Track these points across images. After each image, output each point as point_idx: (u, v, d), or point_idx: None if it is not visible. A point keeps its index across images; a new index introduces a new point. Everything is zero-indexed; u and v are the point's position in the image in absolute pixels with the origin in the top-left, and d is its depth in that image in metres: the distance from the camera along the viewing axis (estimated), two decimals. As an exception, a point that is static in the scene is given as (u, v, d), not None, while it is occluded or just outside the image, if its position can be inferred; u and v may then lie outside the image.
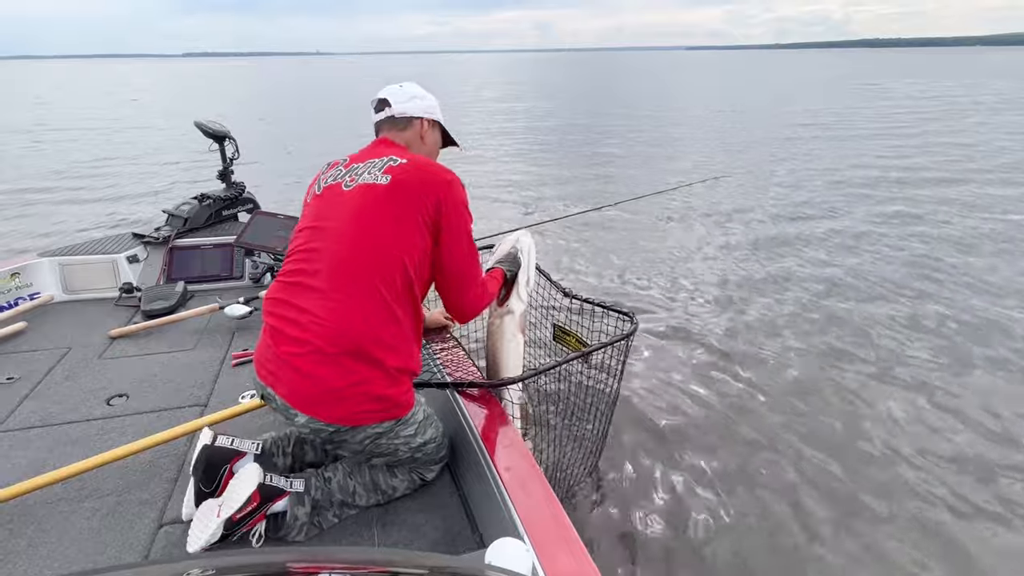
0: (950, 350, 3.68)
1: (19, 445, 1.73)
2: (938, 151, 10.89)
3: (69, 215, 7.06)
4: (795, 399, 3.17)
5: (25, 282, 2.69)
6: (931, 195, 7.63)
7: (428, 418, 1.48)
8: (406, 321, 1.35)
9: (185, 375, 2.14)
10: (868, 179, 8.60)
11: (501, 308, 1.81)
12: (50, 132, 14.57)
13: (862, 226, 6.34)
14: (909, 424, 2.94)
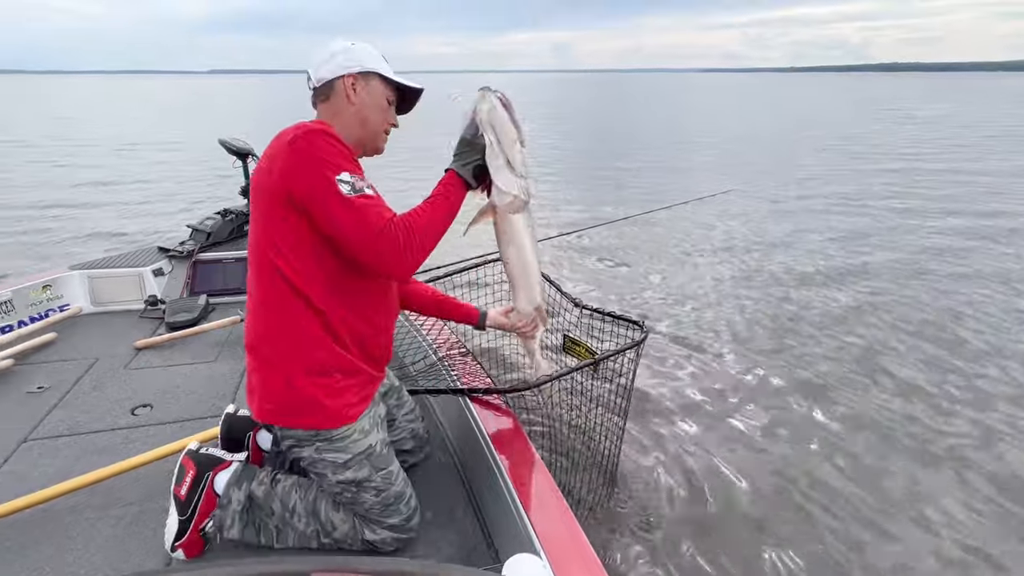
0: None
1: (48, 453, 1.79)
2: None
3: (101, 227, 7.34)
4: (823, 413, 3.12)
5: (56, 294, 2.79)
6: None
7: (371, 456, 1.34)
8: (304, 320, 1.25)
9: (207, 386, 2.19)
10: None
11: (488, 208, 1.40)
12: (83, 147, 15.13)
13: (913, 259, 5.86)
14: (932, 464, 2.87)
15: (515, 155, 1.28)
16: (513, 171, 1.29)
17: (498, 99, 1.24)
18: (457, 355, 1.99)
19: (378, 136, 1.36)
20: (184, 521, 1.31)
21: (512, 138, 1.27)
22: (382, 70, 1.33)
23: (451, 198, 1.28)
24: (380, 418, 1.44)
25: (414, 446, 1.67)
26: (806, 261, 5.69)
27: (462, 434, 1.65)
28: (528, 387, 1.67)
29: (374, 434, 1.36)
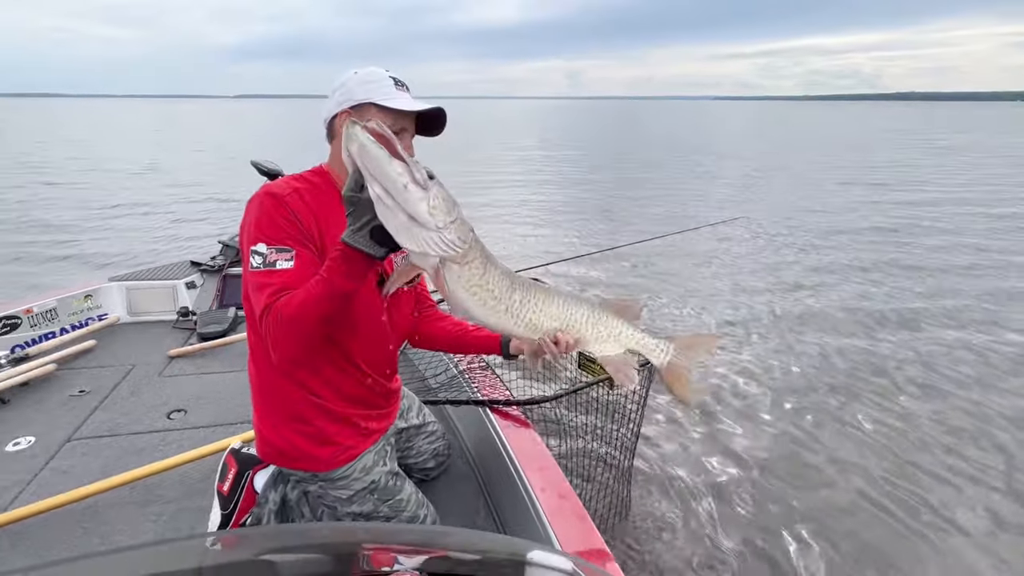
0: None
1: (91, 452, 1.90)
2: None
3: (138, 241, 7.65)
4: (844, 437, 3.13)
5: (96, 303, 2.94)
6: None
7: (375, 491, 1.35)
8: (278, 371, 1.27)
9: (236, 394, 2.30)
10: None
11: (409, 267, 1.08)
12: (121, 168, 15.68)
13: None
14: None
15: (415, 204, 0.92)
16: (422, 225, 0.93)
17: (367, 133, 0.90)
18: (477, 368, 2.07)
19: None
20: (226, 515, 1.39)
21: (401, 182, 0.90)
22: (377, 98, 1.17)
23: (333, 282, 1.03)
24: (388, 450, 1.45)
25: (435, 464, 1.73)
26: (832, 287, 5.71)
27: (482, 444, 1.72)
28: (546, 399, 1.74)
29: (377, 469, 1.37)
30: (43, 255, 6.92)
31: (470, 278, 1.04)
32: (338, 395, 1.31)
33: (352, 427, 1.34)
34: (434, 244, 0.96)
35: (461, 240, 0.98)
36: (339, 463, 1.32)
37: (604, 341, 1.24)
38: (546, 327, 1.15)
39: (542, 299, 1.14)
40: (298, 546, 0.86)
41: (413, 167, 0.92)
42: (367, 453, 1.37)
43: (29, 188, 11.89)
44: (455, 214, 0.97)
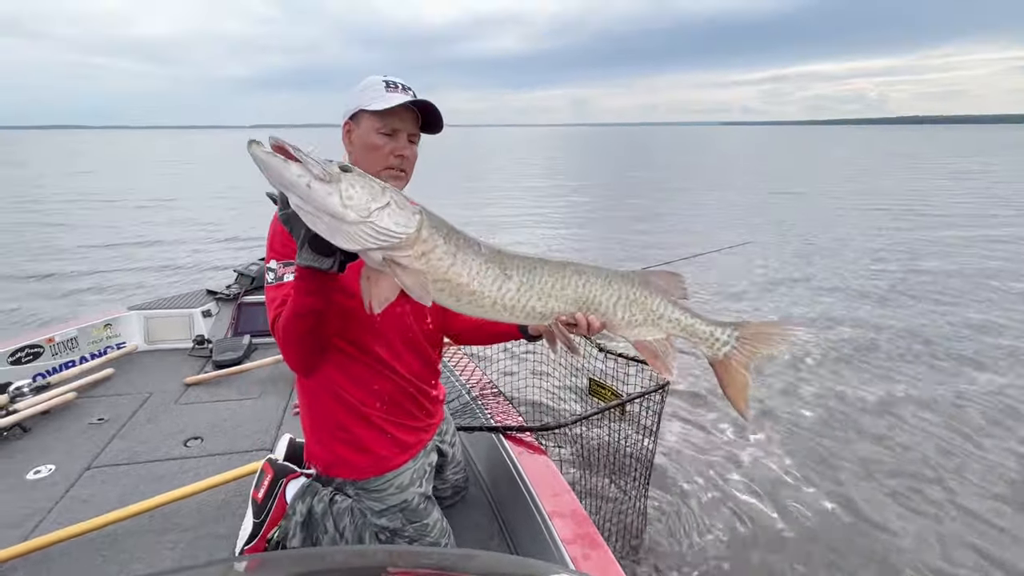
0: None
1: (110, 480, 1.92)
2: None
3: (155, 271, 7.80)
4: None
5: (115, 332, 3.00)
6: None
7: (406, 510, 1.39)
8: (315, 383, 1.34)
9: (252, 421, 2.32)
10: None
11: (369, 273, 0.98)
12: (142, 197, 16.06)
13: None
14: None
15: (325, 199, 0.86)
16: (343, 219, 0.87)
17: (262, 147, 0.85)
18: (490, 395, 2.09)
19: (380, 175, 1.23)
20: (258, 524, 1.41)
21: (303, 183, 0.85)
22: (365, 104, 1.20)
23: (299, 301, 1.05)
24: (427, 471, 1.48)
25: (452, 494, 1.74)
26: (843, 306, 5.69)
27: (495, 470, 1.73)
28: (559, 425, 1.76)
29: (413, 489, 1.41)
30: (63, 286, 7.06)
31: (435, 270, 0.94)
32: (377, 400, 1.35)
33: (389, 438, 1.38)
34: (366, 236, 0.88)
35: (400, 225, 0.89)
36: (375, 472, 1.37)
37: (640, 325, 1.05)
38: (558, 311, 1.02)
39: (551, 281, 0.99)
40: (321, 571, 0.88)
41: (311, 165, 0.85)
42: (405, 470, 1.40)
43: (53, 219, 12.19)
44: (383, 199, 0.89)
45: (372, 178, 0.91)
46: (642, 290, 1.04)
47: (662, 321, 1.05)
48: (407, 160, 1.26)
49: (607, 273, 1.04)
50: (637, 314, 1.04)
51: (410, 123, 1.24)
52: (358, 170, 0.91)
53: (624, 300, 1.03)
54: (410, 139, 1.26)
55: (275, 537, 1.44)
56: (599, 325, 1.05)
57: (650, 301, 1.04)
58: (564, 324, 1.04)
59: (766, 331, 1.04)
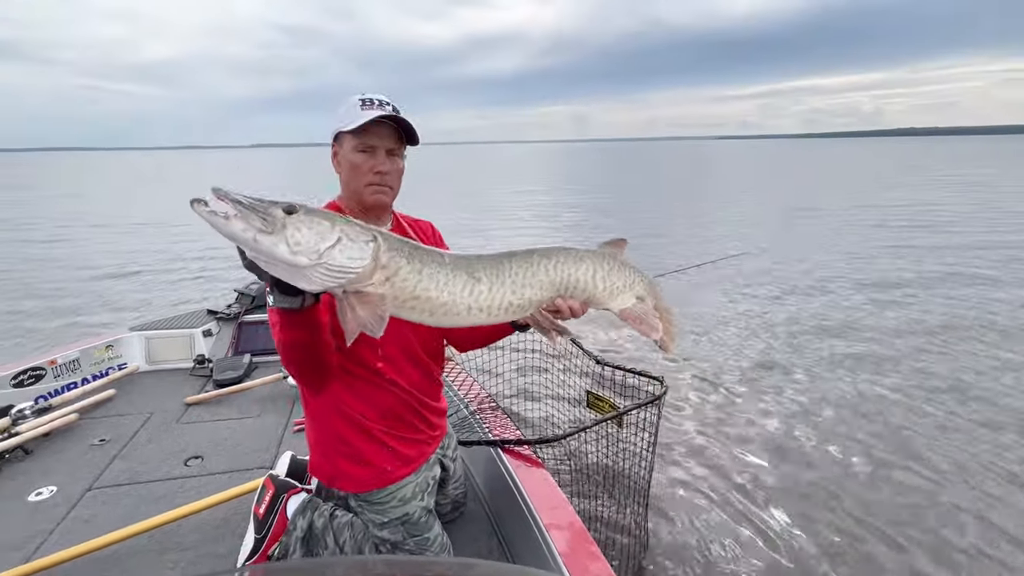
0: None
1: (111, 500, 1.93)
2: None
3: (157, 291, 7.85)
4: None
5: (116, 353, 3.03)
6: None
7: (407, 523, 1.40)
8: (321, 398, 1.36)
9: (252, 439, 2.34)
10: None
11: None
12: (144, 218, 16.16)
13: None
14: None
15: (274, 251, 0.85)
16: (297, 266, 0.86)
17: (204, 208, 0.83)
18: (488, 409, 2.11)
19: (361, 192, 1.27)
20: (259, 539, 1.42)
21: (248, 238, 0.84)
22: (344, 125, 1.22)
23: (282, 333, 1.09)
24: (429, 484, 1.48)
25: (452, 509, 1.75)
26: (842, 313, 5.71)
27: (493, 483, 1.74)
28: (556, 438, 1.77)
29: (415, 503, 1.41)
30: (64, 309, 7.09)
31: (402, 291, 0.94)
32: (378, 413, 1.36)
33: (390, 451, 1.39)
34: (323, 278, 0.88)
35: (354, 259, 0.89)
36: (377, 485, 1.38)
37: (621, 292, 1.09)
38: (536, 299, 1.02)
39: (520, 272, 1.00)
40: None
41: (252, 218, 0.84)
42: (407, 483, 1.41)
43: (55, 240, 12.27)
44: (332, 236, 0.88)
45: (320, 214, 0.90)
46: (611, 260, 1.07)
47: (635, 285, 1.10)
48: (389, 175, 1.27)
49: (576, 251, 1.05)
50: (617, 282, 1.08)
51: (388, 139, 1.25)
52: (305, 208, 0.89)
53: (601, 272, 1.05)
54: (391, 154, 1.27)
55: (276, 553, 1.45)
56: (580, 306, 1.07)
57: (623, 269, 1.08)
58: (548, 312, 1.06)
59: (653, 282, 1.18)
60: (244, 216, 0.84)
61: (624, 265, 1.09)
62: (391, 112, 1.23)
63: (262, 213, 0.85)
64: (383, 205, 1.30)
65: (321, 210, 0.92)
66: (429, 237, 1.50)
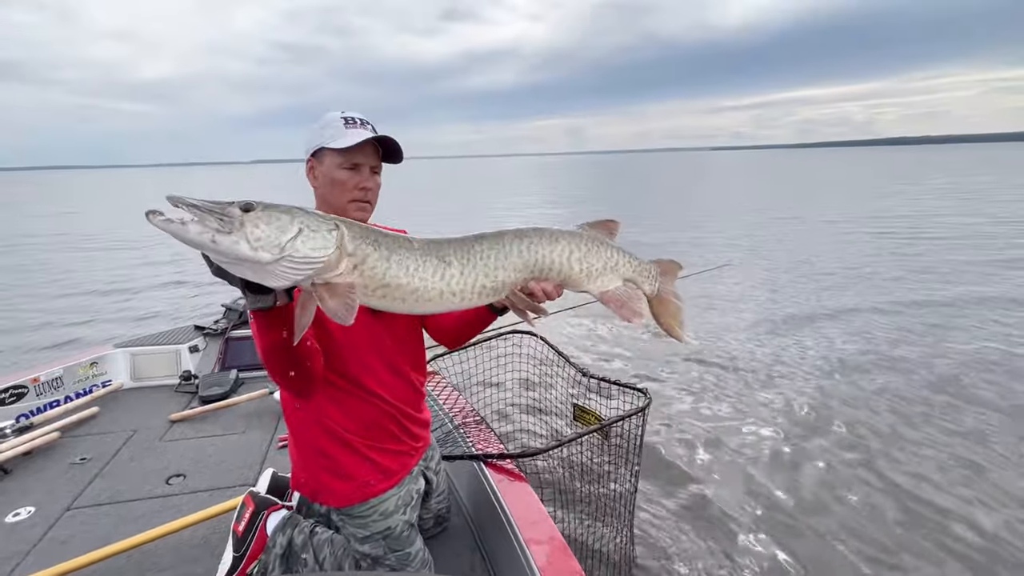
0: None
1: (89, 520, 1.90)
2: None
3: (143, 308, 7.79)
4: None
5: (101, 371, 3.00)
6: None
7: (389, 537, 1.39)
8: (302, 411, 1.37)
9: (236, 456, 2.31)
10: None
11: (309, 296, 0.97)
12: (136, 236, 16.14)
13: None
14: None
15: (235, 249, 0.85)
16: (260, 262, 0.86)
17: (159, 218, 0.82)
18: (472, 423, 2.10)
19: (345, 208, 1.27)
20: (237, 558, 1.40)
21: (207, 239, 0.84)
22: (327, 141, 1.24)
23: (259, 338, 1.08)
24: (413, 497, 1.47)
25: (435, 524, 1.73)
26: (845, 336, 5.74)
27: (476, 498, 1.73)
28: (539, 451, 1.77)
29: (397, 516, 1.40)
30: (50, 326, 7.04)
31: (371, 279, 0.93)
32: (359, 425, 1.35)
33: (371, 464, 1.38)
34: (288, 270, 0.88)
35: (317, 249, 0.88)
36: (357, 499, 1.37)
37: (600, 275, 1.06)
38: (510, 281, 1.00)
39: (491, 254, 0.98)
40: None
41: (208, 220, 0.83)
42: (389, 496, 1.40)
43: (43, 257, 12.20)
44: (293, 229, 0.88)
45: (278, 208, 0.90)
46: (591, 241, 1.04)
47: (619, 267, 1.06)
48: (371, 191, 1.31)
49: (551, 231, 1.03)
50: (595, 263, 1.04)
51: (371, 157, 1.29)
52: (262, 204, 0.89)
53: (577, 253, 1.02)
54: (372, 171, 1.31)
55: (255, 571, 1.43)
56: (554, 289, 1.04)
57: (603, 250, 1.04)
58: (523, 293, 1.04)
59: (667, 268, 1.13)
60: (200, 219, 0.84)
61: (606, 246, 1.05)
62: (371, 131, 1.26)
63: (219, 214, 0.85)
64: (364, 221, 1.31)
65: (280, 204, 0.92)
66: None
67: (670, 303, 1.13)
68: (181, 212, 0.84)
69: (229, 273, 0.92)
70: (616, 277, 1.07)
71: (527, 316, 1.07)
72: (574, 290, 1.05)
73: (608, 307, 1.07)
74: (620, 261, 1.06)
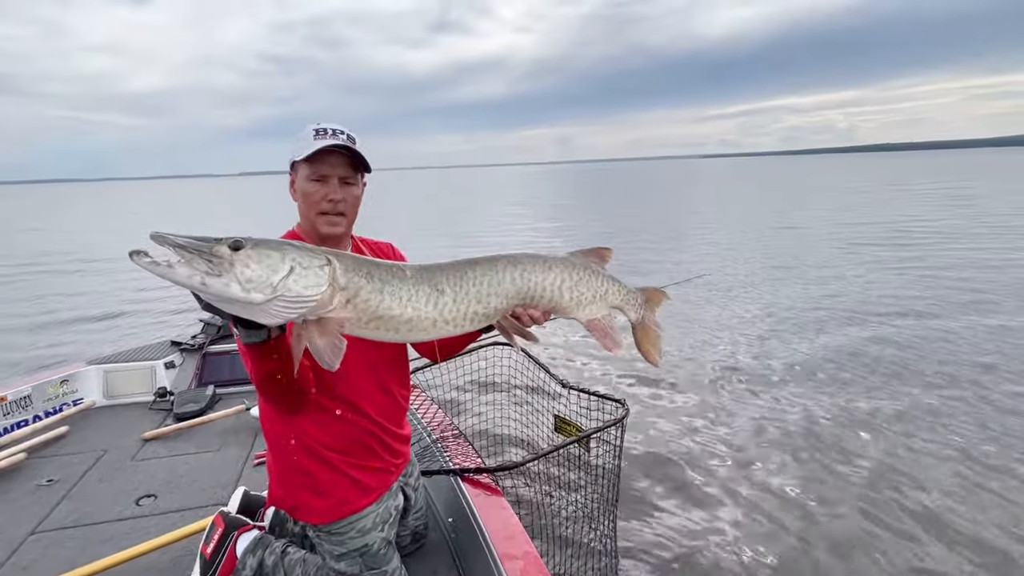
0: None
1: (54, 544, 1.84)
2: None
3: (115, 319, 7.62)
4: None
5: (72, 388, 2.92)
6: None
7: (366, 555, 1.37)
8: (280, 426, 1.34)
9: (210, 475, 2.26)
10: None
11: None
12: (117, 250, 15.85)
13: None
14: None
15: (226, 291, 0.83)
16: (253, 303, 0.84)
17: (144, 259, 0.79)
18: (450, 436, 2.08)
19: (315, 221, 1.25)
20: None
21: (196, 283, 0.82)
22: (297, 154, 1.22)
23: (253, 369, 1.07)
24: (391, 514, 1.44)
25: (412, 540, 1.70)
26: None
27: (453, 514, 1.70)
28: (516, 465, 1.75)
29: (375, 533, 1.38)
30: (20, 344, 6.87)
31: (365, 311, 0.91)
32: (339, 442, 1.33)
33: (350, 481, 1.35)
34: (283, 310, 0.86)
35: (310, 287, 0.86)
36: (335, 516, 1.34)
37: (589, 304, 1.07)
38: (503, 308, 1.00)
39: (485, 281, 0.98)
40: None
41: (196, 262, 0.81)
42: (368, 513, 1.37)
43: (16, 273, 11.94)
44: (284, 267, 0.86)
45: (268, 245, 0.87)
46: (583, 270, 1.05)
47: (608, 295, 1.07)
48: (343, 203, 1.26)
49: (545, 259, 1.03)
50: (585, 293, 1.05)
51: (341, 167, 1.24)
52: (252, 241, 0.86)
53: (569, 282, 1.03)
54: (345, 182, 1.26)
55: None
56: (541, 315, 1.05)
57: (594, 279, 1.05)
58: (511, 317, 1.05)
59: (652, 296, 1.17)
60: (188, 261, 0.81)
61: (597, 275, 1.07)
62: (344, 141, 1.22)
63: (207, 255, 0.82)
64: (336, 236, 1.29)
65: (269, 240, 0.89)
66: (389, 258, 1.49)
67: (651, 330, 1.16)
68: (167, 251, 0.81)
69: (219, 312, 0.90)
70: (604, 305, 1.08)
71: (514, 340, 1.07)
72: (562, 317, 1.07)
73: (592, 335, 1.09)
74: (609, 290, 1.08)
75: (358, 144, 1.25)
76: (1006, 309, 6.48)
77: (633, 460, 3.32)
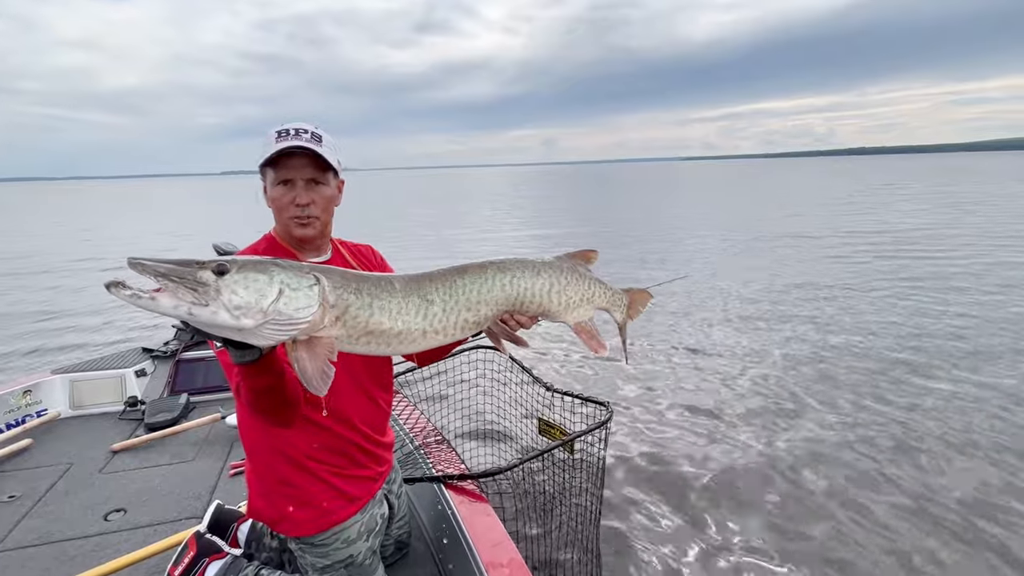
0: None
1: (14, 564, 1.75)
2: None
3: (85, 331, 7.34)
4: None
5: (35, 399, 2.80)
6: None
7: (351, 566, 1.33)
8: (261, 436, 1.29)
9: (184, 486, 2.18)
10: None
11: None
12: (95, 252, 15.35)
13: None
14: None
15: (214, 319, 0.80)
16: (244, 328, 0.82)
17: (123, 292, 0.74)
18: (433, 443, 2.04)
19: (287, 225, 1.21)
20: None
21: (183, 312, 0.78)
22: (261, 157, 1.18)
23: (249, 382, 1.02)
24: (377, 523, 1.40)
25: (396, 550, 1.67)
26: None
27: (437, 521, 1.67)
28: (500, 471, 1.73)
29: (359, 543, 1.34)
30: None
31: (354, 328, 0.89)
32: (322, 451, 1.29)
33: (334, 490, 1.31)
34: (273, 333, 0.83)
35: (300, 309, 0.84)
36: (319, 528, 1.29)
37: (577, 307, 1.07)
38: (492, 315, 1.00)
39: (474, 289, 0.97)
40: None
41: (180, 292, 0.77)
42: (352, 523, 1.33)
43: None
44: (273, 290, 0.83)
45: (254, 268, 0.83)
46: (570, 273, 1.06)
47: (595, 298, 1.09)
48: (312, 206, 1.20)
49: (533, 264, 1.03)
50: (573, 296, 1.06)
51: (306, 168, 1.18)
52: (237, 263, 0.83)
53: (557, 286, 1.04)
54: (313, 183, 1.19)
55: None
56: (528, 320, 1.05)
57: (581, 282, 1.06)
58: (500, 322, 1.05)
59: (637, 298, 1.20)
60: (171, 290, 0.77)
61: (584, 278, 1.08)
62: (306, 141, 1.15)
63: (191, 284, 0.78)
64: (308, 239, 1.25)
65: (254, 260, 0.85)
66: (371, 261, 1.44)
67: (624, 329, 1.21)
68: (147, 280, 0.76)
69: (203, 335, 0.87)
70: (591, 308, 1.10)
71: (502, 345, 1.06)
72: (550, 321, 1.07)
73: (578, 337, 1.10)
74: (596, 292, 1.09)
75: (324, 141, 1.18)
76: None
77: (618, 462, 3.32)
